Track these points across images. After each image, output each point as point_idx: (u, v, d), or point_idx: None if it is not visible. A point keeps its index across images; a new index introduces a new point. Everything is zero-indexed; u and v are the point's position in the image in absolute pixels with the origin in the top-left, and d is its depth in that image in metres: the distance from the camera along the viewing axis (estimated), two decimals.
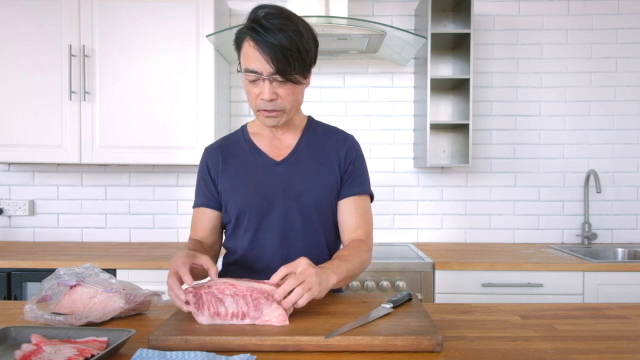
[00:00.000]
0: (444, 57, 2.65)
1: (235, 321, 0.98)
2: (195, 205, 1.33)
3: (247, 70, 1.13)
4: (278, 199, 1.23)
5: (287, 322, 0.97)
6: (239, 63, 1.18)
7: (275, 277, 1.01)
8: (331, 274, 1.07)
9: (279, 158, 1.27)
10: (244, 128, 1.35)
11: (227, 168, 1.28)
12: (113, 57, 2.33)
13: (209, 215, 1.30)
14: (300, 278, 0.99)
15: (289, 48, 1.09)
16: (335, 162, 1.28)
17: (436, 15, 2.59)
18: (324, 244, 1.29)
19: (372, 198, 1.34)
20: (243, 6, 2.68)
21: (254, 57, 1.11)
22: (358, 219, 1.27)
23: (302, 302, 0.98)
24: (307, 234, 1.25)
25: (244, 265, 1.28)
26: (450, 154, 2.66)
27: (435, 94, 2.62)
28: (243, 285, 0.99)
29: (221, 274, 1.33)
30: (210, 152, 1.33)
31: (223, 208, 1.29)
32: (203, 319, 0.98)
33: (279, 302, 0.97)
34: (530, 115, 2.69)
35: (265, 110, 1.17)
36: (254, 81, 1.14)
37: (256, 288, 0.98)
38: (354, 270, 1.17)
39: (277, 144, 1.29)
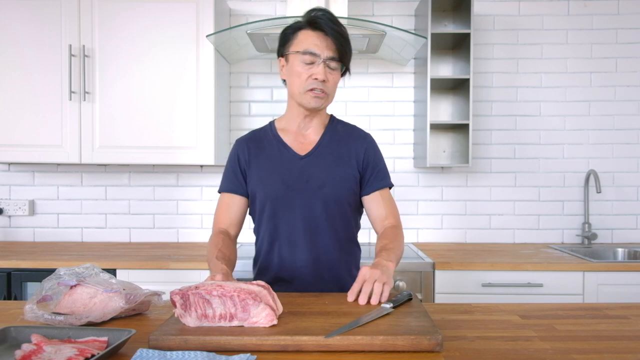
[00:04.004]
0: (444, 57, 2.65)
1: (223, 323, 0.97)
2: (223, 190, 1.42)
3: (307, 52, 1.29)
4: (301, 190, 1.35)
5: (275, 322, 0.96)
6: (283, 53, 1.36)
7: (353, 292, 1.12)
8: (387, 263, 1.20)
9: (303, 152, 1.38)
10: (272, 124, 1.46)
11: (256, 160, 1.39)
12: (113, 57, 2.33)
13: (237, 201, 1.40)
14: (373, 279, 1.11)
15: (347, 38, 1.32)
16: (353, 158, 1.40)
17: (436, 15, 2.59)
18: (341, 232, 1.39)
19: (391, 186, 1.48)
20: (243, 6, 2.68)
21: (313, 43, 1.29)
22: (386, 209, 1.40)
23: (385, 295, 1.10)
24: (327, 223, 1.36)
25: (272, 251, 1.38)
26: (450, 154, 2.66)
27: (435, 94, 2.62)
28: (230, 286, 0.98)
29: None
30: (241, 144, 1.43)
31: (251, 198, 1.40)
32: (190, 320, 0.97)
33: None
34: (530, 115, 2.69)
35: (314, 90, 1.31)
36: (309, 63, 1.29)
37: (244, 289, 0.98)
38: (400, 253, 1.32)
39: (302, 140, 1.41)
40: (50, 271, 1.18)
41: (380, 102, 2.70)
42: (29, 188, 2.69)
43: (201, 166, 2.69)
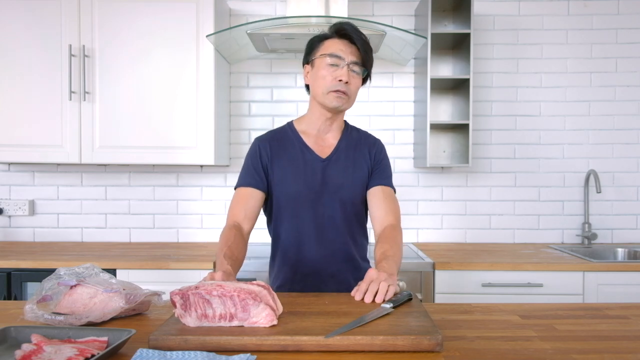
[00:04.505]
0: (444, 57, 2.65)
1: (223, 323, 0.96)
2: (242, 185, 1.45)
3: (332, 55, 1.38)
4: (322, 192, 1.44)
5: (275, 322, 0.96)
6: (309, 60, 1.45)
7: (361, 291, 1.15)
8: (390, 272, 1.24)
9: (323, 156, 1.47)
10: (291, 125, 1.53)
11: (278, 159, 1.46)
12: (113, 57, 2.33)
13: (256, 195, 1.44)
14: (379, 280, 1.16)
15: (370, 48, 1.42)
16: (367, 161, 1.49)
17: (436, 15, 2.59)
18: (355, 228, 1.50)
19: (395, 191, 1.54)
20: (243, 6, 2.68)
21: (338, 48, 1.39)
22: (387, 205, 1.46)
23: (389, 294, 1.13)
24: (344, 222, 1.46)
25: (289, 247, 1.46)
26: (450, 154, 2.66)
27: (435, 94, 2.62)
28: (230, 286, 0.98)
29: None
30: (263, 142, 1.49)
31: (272, 195, 1.46)
32: (190, 320, 0.97)
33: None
34: (530, 115, 2.69)
35: (337, 91, 1.38)
36: (333, 65, 1.38)
37: (244, 289, 0.97)
38: (399, 259, 1.36)
39: (322, 143, 1.49)
40: (50, 271, 1.18)
41: (380, 102, 2.70)
42: (29, 188, 2.69)
43: (201, 166, 2.69)
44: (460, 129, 2.59)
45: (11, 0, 2.32)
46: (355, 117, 2.67)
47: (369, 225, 1.54)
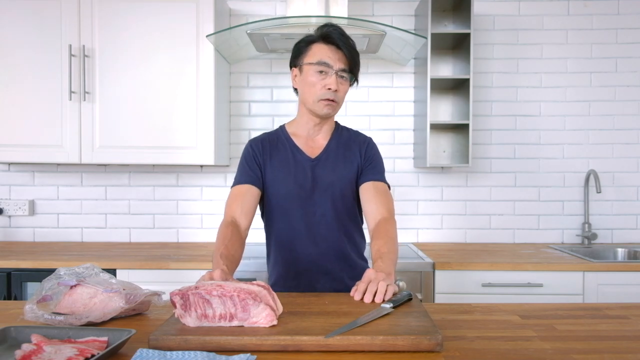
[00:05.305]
0: (444, 57, 2.65)
1: (223, 323, 0.97)
2: (239, 182, 1.47)
3: (320, 63, 1.38)
4: (312, 190, 1.46)
5: (275, 322, 0.96)
6: (296, 64, 1.46)
7: (360, 292, 1.15)
8: (388, 271, 1.24)
9: (313, 155, 1.49)
10: (283, 128, 1.56)
11: (271, 160, 1.49)
12: (113, 57, 2.33)
13: (252, 191, 1.46)
14: (378, 280, 1.16)
15: (357, 52, 1.43)
16: (357, 158, 1.51)
17: (436, 15, 2.59)
18: (348, 225, 1.51)
19: (389, 188, 1.54)
20: (243, 6, 2.68)
21: (326, 55, 1.39)
22: (379, 199, 1.45)
23: (389, 294, 1.12)
24: (336, 218, 1.47)
25: (282, 245, 1.48)
26: (450, 154, 2.66)
27: (435, 94, 2.62)
28: (230, 286, 0.98)
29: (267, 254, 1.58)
30: (257, 143, 1.52)
31: (266, 195, 1.48)
32: (190, 321, 0.97)
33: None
34: (530, 115, 2.69)
35: (326, 99, 1.41)
36: (322, 72, 1.39)
37: (244, 289, 0.97)
38: (395, 254, 1.35)
39: (312, 144, 1.51)
40: (50, 271, 1.18)
41: (380, 102, 2.70)
42: (29, 188, 2.69)
43: (201, 166, 2.69)
44: (460, 129, 2.59)
45: (11, 0, 2.32)
46: (355, 117, 2.68)
47: (365, 225, 1.54)
